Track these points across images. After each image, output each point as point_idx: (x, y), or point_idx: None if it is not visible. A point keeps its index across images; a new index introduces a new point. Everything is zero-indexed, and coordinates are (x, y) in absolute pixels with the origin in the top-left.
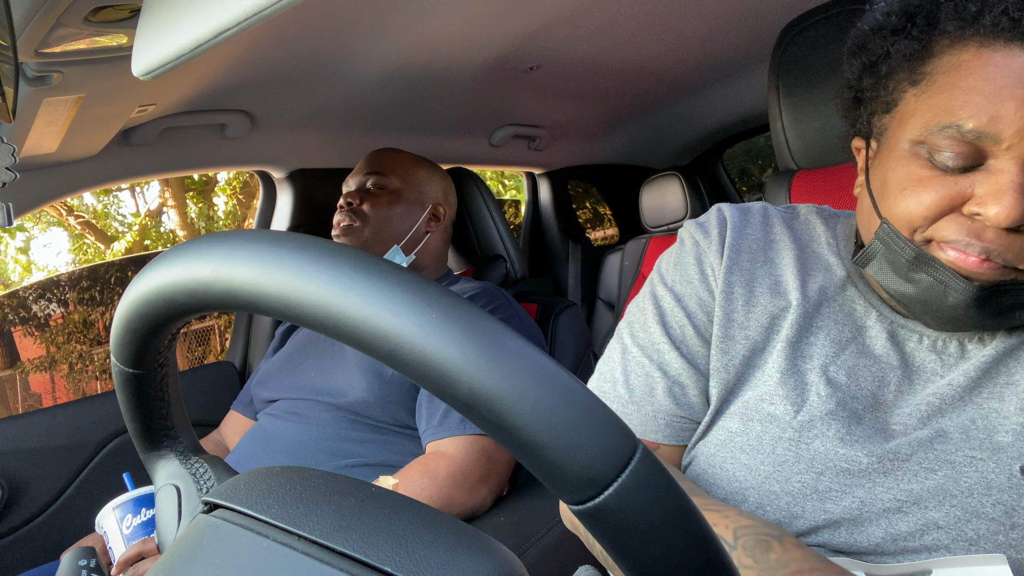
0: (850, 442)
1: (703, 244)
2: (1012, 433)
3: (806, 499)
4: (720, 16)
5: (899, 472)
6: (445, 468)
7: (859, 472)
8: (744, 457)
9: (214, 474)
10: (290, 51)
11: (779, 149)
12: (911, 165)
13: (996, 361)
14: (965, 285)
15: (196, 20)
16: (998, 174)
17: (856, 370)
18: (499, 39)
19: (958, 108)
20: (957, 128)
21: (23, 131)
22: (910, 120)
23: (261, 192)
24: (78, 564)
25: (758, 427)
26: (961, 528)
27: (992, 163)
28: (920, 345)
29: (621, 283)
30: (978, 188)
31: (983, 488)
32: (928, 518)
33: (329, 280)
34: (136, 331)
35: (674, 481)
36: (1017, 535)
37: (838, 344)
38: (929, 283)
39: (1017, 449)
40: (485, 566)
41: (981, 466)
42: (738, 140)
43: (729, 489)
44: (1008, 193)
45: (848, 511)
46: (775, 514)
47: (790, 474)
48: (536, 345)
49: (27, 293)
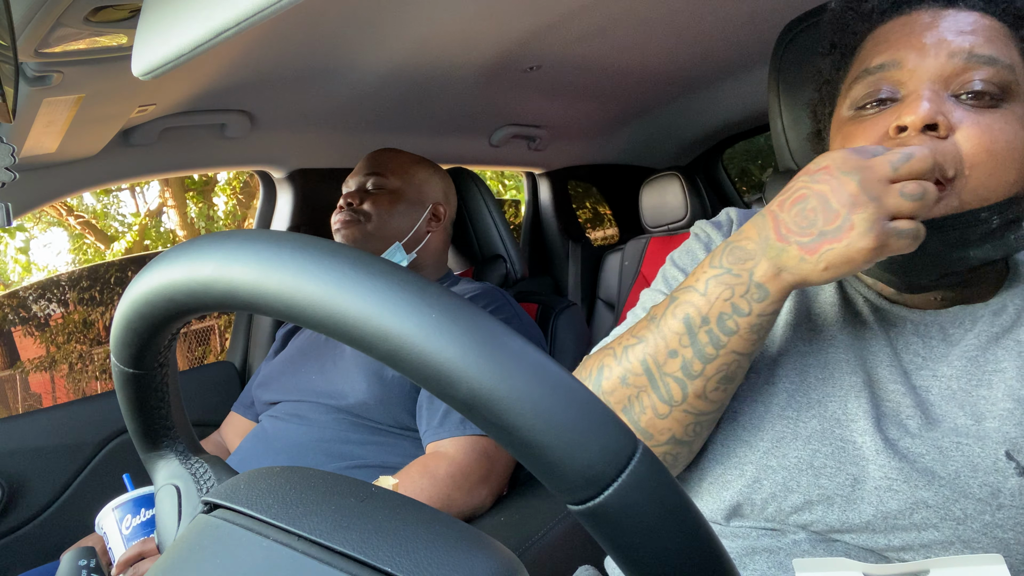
0: (844, 422)
1: (713, 236)
2: (999, 418)
3: (801, 473)
4: (720, 16)
5: (890, 451)
6: (445, 468)
7: (853, 450)
8: (744, 434)
9: (214, 474)
10: (290, 51)
11: (779, 149)
12: (846, 127)
13: (982, 349)
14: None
15: (196, 20)
16: (910, 93)
17: (852, 353)
18: (499, 39)
19: (865, 62)
20: (866, 71)
21: (23, 131)
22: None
23: (261, 192)
24: (78, 564)
25: (760, 408)
26: (949, 507)
27: (904, 95)
28: (904, 329)
29: (621, 283)
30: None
31: (969, 470)
32: (917, 497)
33: (329, 280)
34: (136, 331)
35: (674, 481)
36: (1004, 515)
37: (834, 328)
38: None
39: (1003, 434)
40: (485, 566)
41: (967, 450)
42: (738, 140)
43: (728, 464)
44: (915, 102)
45: (841, 487)
46: (771, 487)
47: (787, 450)
48: (536, 345)
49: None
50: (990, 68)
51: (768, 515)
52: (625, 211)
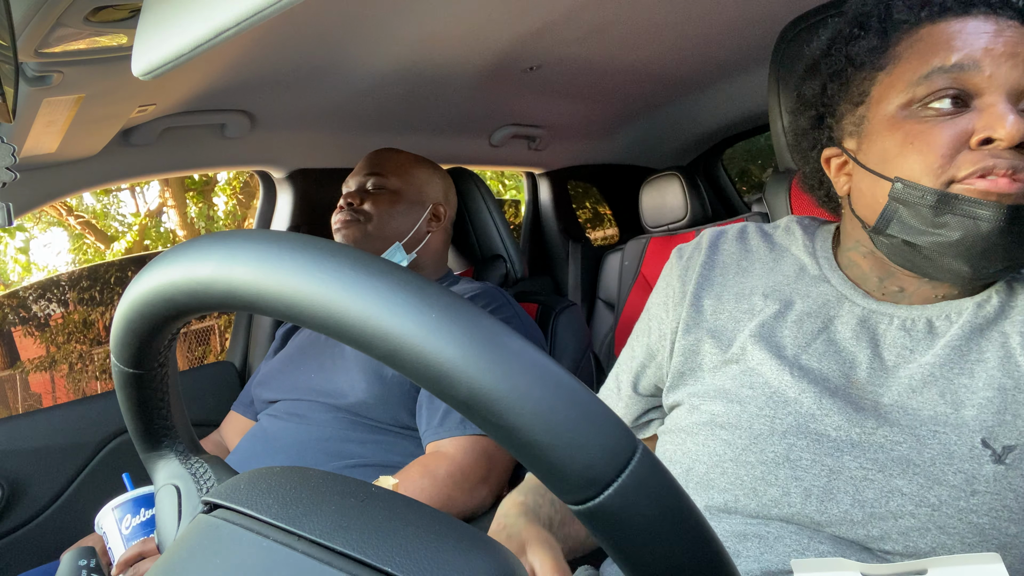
0: (820, 417)
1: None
2: (977, 407)
3: (779, 467)
4: (720, 16)
5: (866, 443)
6: (445, 468)
7: (828, 443)
8: (724, 433)
9: (214, 474)
10: (290, 51)
11: (779, 149)
12: (907, 124)
13: (966, 339)
14: (995, 208)
15: (196, 20)
16: (991, 105)
17: (827, 355)
18: (499, 39)
19: (934, 58)
20: (940, 68)
21: (23, 131)
22: (890, 92)
23: (261, 192)
24: (78, 564)
25: (736, 407)
26: (923, 494)
27: (979, 101)
28: (891, 326)
29: (621, 283)
30: (978, 122)
31: (945, 458)
32: (892, 485)
33: (329, 280)
34: (136, 331)
35: (674, 481)
36: (978, 500)
37: (810, 334)
38: (957, 222)
39: (980, 422)
40: (485, 566)
41: (944, 438)
42: (738, 140)
43: (709, 462)
44: (1008, 114)
45: (818, 479)
46: (751, 482)
47: (764, 445)
48: (536, 346)
49: (27, 293)
50: None
51: (752, 511)
52: (625, 211)
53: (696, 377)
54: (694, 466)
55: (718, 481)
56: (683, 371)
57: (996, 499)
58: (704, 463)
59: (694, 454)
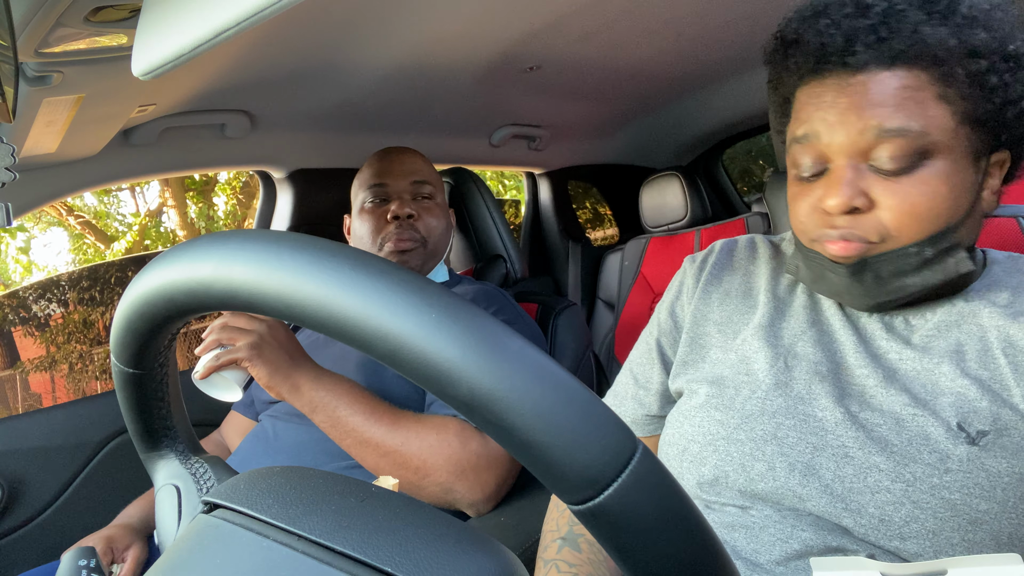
0: (809, 400)
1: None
2: (955, 395)
3: (766, 444)
4: (720, 16)
5: (849, 422)
6: None
7: (815, 423)
8: (717, 414)
9: (214, 474)
10: (290, 51)
11: (780, 149)
12: (793, 188)
13: (945, 331)
14: (836, 268)
15: (196, 20)
16: (832, 172)
17: (819, 343)
18: (499, 39)
19: (796, 125)
20: (794, 139)
21: (23, 131)
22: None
23: (261, 192)
24: (78, 564)
25: (731, 391)
26: (899, 471)
27: (830, 166)
28: (871, 320)
29: (621, 283)
30: (821, 188)
31: (921, 439)
32: (871, 461)
33: (329, 280)
34: (136, 331)
35: (674, 481)
36: (951, 478)
37: (804, 325)
38: (819, 272)
39: (956, 408)
40: (485, 566)
41: (922, 420)
42: (738, 140)
43: (703, 441)
44: (836, 185)
45: (802, 455)
46: (740, 457)
47: (755, 424)
48: (537, 346)
49: (27, 293)
50: (900, 140)
51: (740, 486)
52: (625, 211)
53: (698, 366)
54: (689, 446)
55: (710, 458)
56: (687, 360)
57: (968, 477)
58: (699, 442)
59: (690, 435)
